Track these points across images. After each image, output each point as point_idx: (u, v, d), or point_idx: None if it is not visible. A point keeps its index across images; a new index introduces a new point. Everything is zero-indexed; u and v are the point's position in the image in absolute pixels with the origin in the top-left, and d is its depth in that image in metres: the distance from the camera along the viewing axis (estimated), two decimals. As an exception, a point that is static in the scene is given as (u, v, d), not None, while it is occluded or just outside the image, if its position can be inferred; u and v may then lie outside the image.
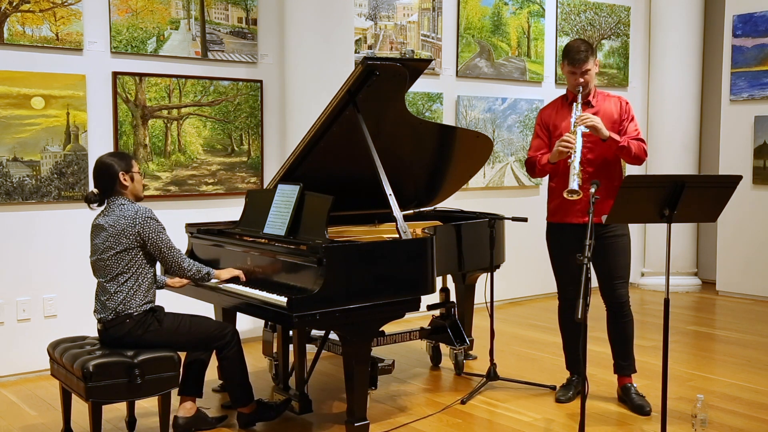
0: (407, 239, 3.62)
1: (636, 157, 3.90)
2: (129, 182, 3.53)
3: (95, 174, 3.56)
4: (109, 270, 3.45)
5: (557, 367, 4.69)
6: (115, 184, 3.50)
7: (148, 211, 3.46)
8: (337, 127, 3.92)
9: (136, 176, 3.57)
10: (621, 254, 4.00)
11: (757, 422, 3.86)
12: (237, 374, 3.65)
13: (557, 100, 4.16)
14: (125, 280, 3.43)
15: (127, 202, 3.49)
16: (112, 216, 3.45)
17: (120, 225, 3.41)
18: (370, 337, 3.61)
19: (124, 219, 3.41)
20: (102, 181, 3.52)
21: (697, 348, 5.43)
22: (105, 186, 3.52)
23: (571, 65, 3.92)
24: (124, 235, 3.40)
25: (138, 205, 3.49)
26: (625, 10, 7.62)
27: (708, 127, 7.81)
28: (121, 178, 3.50)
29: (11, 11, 4.54)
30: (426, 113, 6.24)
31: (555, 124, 4.05)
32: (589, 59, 3.90)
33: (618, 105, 4.01)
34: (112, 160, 3.53)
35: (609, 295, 4.05)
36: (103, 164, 3.52)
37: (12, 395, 4.37)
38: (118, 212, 3.44)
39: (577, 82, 3.92)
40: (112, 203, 3.49)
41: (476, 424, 3.87)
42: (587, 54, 3.89)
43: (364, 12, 5.95)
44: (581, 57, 3.88)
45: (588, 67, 3.90)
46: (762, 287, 6.97)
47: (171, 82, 5.12)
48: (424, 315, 4.89)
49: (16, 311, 4.67)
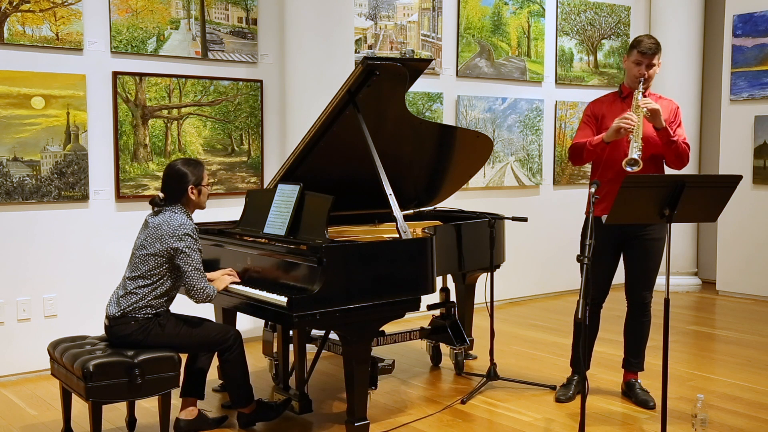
0: (407, 239, 3.62)
1: (679, 157, 3.91)
2: (196, 196, 3.56)
3: (166, 179, 3.58)
4: (134, 267, 3.49)
5: (557, 367, 4.69)
6: (183, 195, 3.54)
7: (191, 227, 3.48)
8: (337, 127, 3.92)
9: (204, 189, 3.60)
10: (656, 258, 4.04)
11: (757, 422, 3.86)
12: (238, 376, 3.64)
13: (609, 95, 4.16)
14: (144, 284, 3.45)
15: (179, 212, 3.51)
16: (159, 218, 3.50)
17: (162, 230, 3.44)
18: (370, 337, 3.61)
19: (167, 225, 3.44)
20: (170, 188, 3.55)
21: (697, 348, 5.43)
22: (172, 194, 3.55)
23: (640, 54, 3.91)
24: (161, 240, 3.43)
25: (186, 218, 3.50)
26: (625, 10, 7.62)
27: (708, 127, 7.81)
28: (189, 191, 3.53)
29: (11, 11, 4.54)
30: (426, 113, 6.24)
31: (605, 116, 4.02)
32: (658, 53, 3.93)
33: (669, 107, 4.02)
34: (186, 170, 3.55)
35: (635, 295, 4.09)
36: (177, 173, 3.55)
37: (12, 395, 4.37)
38: (166, 217, 3.48)
39: (641, 73, 3.91)
40: (169, 208, 3.52)
41: (476, 424, 3.87)
42: (657, 47, 3.92)
43: (364, 12, 5.95)
44: (653, 48, 3.90)
45: (655, 61, 3.93)
46: (762, 287, 6.97)
47: (171, 82, 5.12)
48: (424, 315, 4.89)
49: (16, 311, 4.67)
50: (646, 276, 4.06)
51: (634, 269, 4.06)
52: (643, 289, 4.08)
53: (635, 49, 3.95)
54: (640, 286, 4.07)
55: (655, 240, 4.01)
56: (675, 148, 3.88)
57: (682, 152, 3.91)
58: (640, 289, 4.07)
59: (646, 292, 4.08)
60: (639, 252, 4.00)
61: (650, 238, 3.99)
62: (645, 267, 4.04)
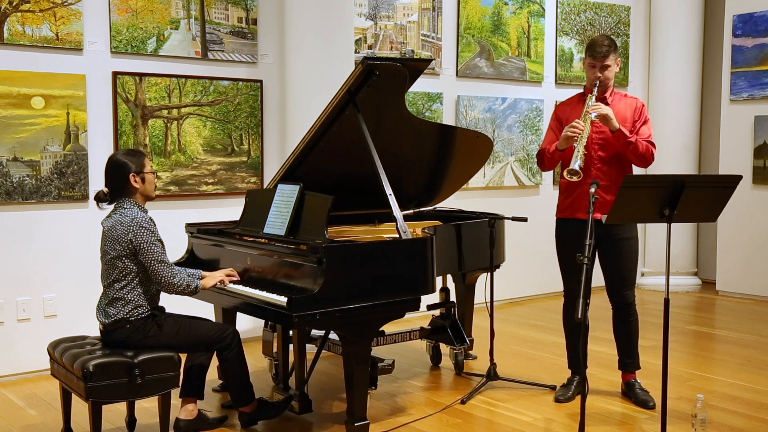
0: (407, 239, 3.62)
1: (642, 157, 3.91)
2: (140, 184, 3.48)
3: (107, 172, 3.52)
4: (106, 275, 3.46)
5: (557, 367, 4.69)
6: (126, 185, 3.47)
7: (144, 219, 3.41)
8: (337, 127, 3.92)
9: (148, 177, 3.52)
10: (629, 257, 4.05)
11: (757, 422, 3.86)
12: (238, 375, 3.64)
13: (575, 97, 4.18)
14: (121, 287, 3.42)
15: (129, 207, 3.45)
16: (111, 220, 3.45)
17: (116, 231, 3.39)
18: (370, 337, 3.61)
19: (120, 225, 3.39)
20: (112, 180, 3.49)
21: (697, 348, 5.43)
22: (115, 186, 3.48)
23: (591, 57, 3.93)
24: (118, 241, 3.38)
25: (137, 211, 3.43)
26: (625, 10, 7.62)
27: (708, 127, 7.81)
28: (131, 180, 3.46)
29: (11, 11, 4.54)
30: (426, 113, 6.24)
31: (569, 118, 4.05)
32: (611, 55, 3.92)
33: (633, 107, 4.02)
34: (125, 159, 3.48)
35: (616, 296, 4.10)
36: (116, 163, 3.48)
37: (12, 395, 4.37)
38: (117, 217, 3.43)
39: (596, 76, 3.93)
40: (118, 206, 3.48)
41: (476, 424, 3.87)
42: (609, 49, 3.91)
43: (364, 12, 5.95)
44: (603, 51, 3.90)
45: (608, 62, 3.92)
46: (762, 287, 6.97)
47: (171, 82, 5.12)
48: (424, 315, 4.89)
49: (16, 311, 4.67)
50: (624, 276, 4.06)
51: (610, 270, 4.07)
52: (624, 290, 4.08)
53: (588, 52, 3.96)
54: (620, 287, 4.07)
55: (626, 239, 4.01)
56: (634, 148, 3.88)
57: (644, 152, 3.90)
58: (620, 289, 4.07)
59: (627, 291, 4.08)
60: (612, 253, 3.99)
61: (621, 238, 3.99)
62: (620, 266, 4.04)
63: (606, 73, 3.93)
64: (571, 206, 4.05)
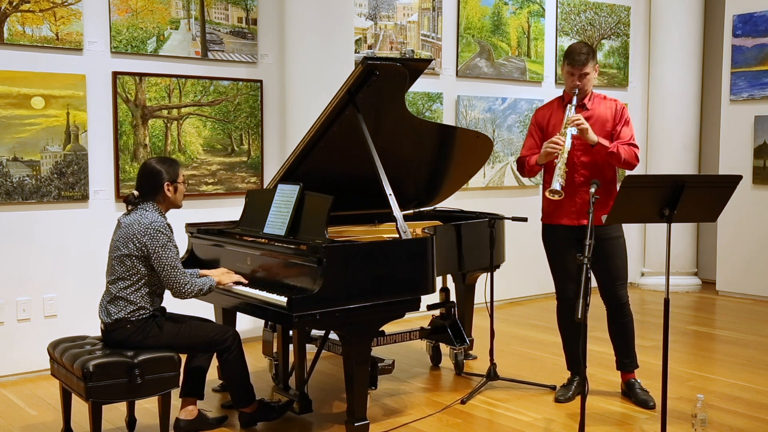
0: (407, 239, 3.62)
1: (626, 163, 3.92)
2: (172, 193, 3.53)
3: (140, 177, 3.55)
4: (112, 270, 3.46)
5: (557, 367, 4.69)
6: (158, 193, 3.51)
7: (162, 225, 3.43)
8: (337, 127, 3.92)
9: (180, 187, 3.57)
10: (618, 256, 4.05)
11: (757, 422, 3.86)
12: (238, 376, 3.64)
13: (554, 101, 4.17)
14: (125, 286, 3.43)
15: (150, 210, 3.47)
16: (130, 217, 3.47)
17: (133, 228, 3.41)
18: (370, 337, 3.61)
19: (138, 224, 3.41)
20: (146, 186, 3.52)
21: (697, 348, 5.43)
22: (147, 192, 3.52)
23: (570, 66, 3.93)
24: (132, 240, 3.40)
25: (156, 215, 3.46)
26: (625, 10, 7.62)
27: (708, 127, 7.81)
28: (165, 188, 3.50)
29: (11, 11, 4.54)
30: (426, 113, 6.24)
31: (549, 123, 4.06)
32: (589, 63, 3.91)
33: (613, 109, 4.02)
34: (162, 168, 3.52)
35: (610, 297, 4.09)
36: (151, 171, 3.52)
37: (12, 395, 4.37)
38: (137, 216, 3.45)
39: (574, 84, 3.93)
40: (140, 207, 3.50)
41: (476, 424, 3.87)
42: (587, 57, 3.91)
43: (364, 12, 5.95)
44: (581, 59, 3.90)
45: (586, 70, 3.92)
46: (762, 287, 6.97)
47: (171, 82, 5.12)
48: (424, 315, 4.88)
49: (16, 311, 4.67)
50: (615, 275, 4.05)
51: (601, 271, 4.05)
52: (618, 289, 4.07)
53: (566, 59, 3.96)
54: (613, 287, 4.06)
55: (613, 238, 4.01)
56: (617, 157, 3.89)
57: (627, 157, 3.91)
58: (613, 290, 4.07)
59: (621, 292, 4.08)
60: (600, 253, 3.94)
61: (608, 237, 3.99)
62: (610, 266, 4.03)
63: (584, 80, 3.93)
64: (554, 212, 4.06)
